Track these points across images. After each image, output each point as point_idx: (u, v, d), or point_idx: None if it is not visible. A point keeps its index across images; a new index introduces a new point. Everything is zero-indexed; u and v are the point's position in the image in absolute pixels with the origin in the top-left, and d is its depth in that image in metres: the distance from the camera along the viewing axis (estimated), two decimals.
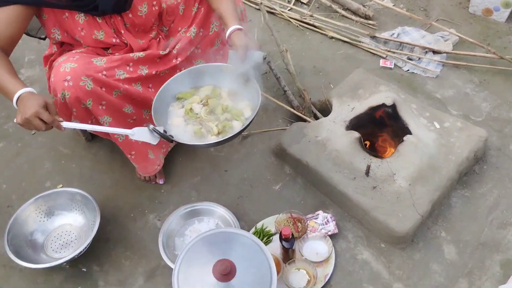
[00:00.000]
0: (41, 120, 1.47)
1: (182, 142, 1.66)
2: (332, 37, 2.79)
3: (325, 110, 2.35)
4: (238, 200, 2.06)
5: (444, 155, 1.99)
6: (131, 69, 1.84)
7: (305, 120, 2.28)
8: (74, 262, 1.87)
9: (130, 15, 1.82)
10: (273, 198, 2.06)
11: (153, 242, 1.93)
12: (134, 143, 1.94)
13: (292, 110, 2.33)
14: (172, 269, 1.79)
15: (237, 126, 1.73)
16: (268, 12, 2.82)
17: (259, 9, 2.97)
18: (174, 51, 1.92)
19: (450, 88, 2.49)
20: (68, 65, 1.70)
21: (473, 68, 2.57)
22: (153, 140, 1.66)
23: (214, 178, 2.15)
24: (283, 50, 2.40)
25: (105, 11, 1.75)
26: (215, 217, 1.98)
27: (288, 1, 3.07)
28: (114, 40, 1.85)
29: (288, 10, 3.00)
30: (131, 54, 1.85)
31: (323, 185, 2.01)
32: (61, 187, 2.11)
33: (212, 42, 2.01)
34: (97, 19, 1.78)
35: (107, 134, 1.97)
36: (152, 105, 1.70)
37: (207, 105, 1.78)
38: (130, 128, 1.63)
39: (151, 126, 1.62)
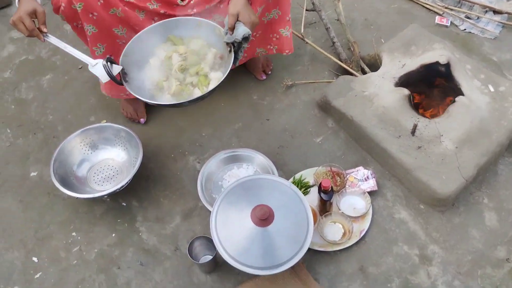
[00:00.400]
0: (25, 26, 1.53)
1: (129, 91, 1.66)
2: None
3: (374, 65, 2.28)
4: (278, 150, 2.05)
5: (496, 120, 1.91)
6: None
7: (352, 74, 2.22)
8: (114, 196, 1.92)
9: None
10: (314, 150, 2.04)
11: (191, 183, 1.96)
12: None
13: (339, 62, 2.27)
14: (208, 211, 1.83)
15: (195, 94, 1.71)
16: None
17: None
18: (192, 1, 1.85)
19: (508, 51, 2.36)
20: None
21: None
22: (104, 78, 1.64)
23: (255, 126, 2.14)
24: (335, 0, 2.31)
25: None
26: (254, 164, 1.98)
27: None
28: None
29: None
30: None
31: (366, 141, 1.97)
32: (105, 122, 2.14)
33: None
34: None
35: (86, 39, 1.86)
36: (136, 35, 1.70)
37: (185, 60, 1.75)
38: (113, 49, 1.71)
39: (106, 62, 1.61)
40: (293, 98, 2.22)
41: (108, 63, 1.62)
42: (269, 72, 2.30)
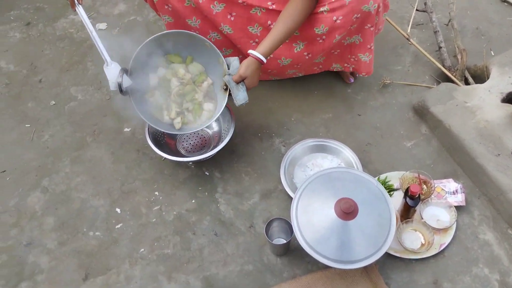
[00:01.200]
0: None
1: (135, 108, 1.74)
2: (504, 1, 2.52)
3: (479, 77, 2.17)
4: (365, 147, 2.01)
5: None
6: None
7: (454, 82, 2.12)
8: (199, 164, 1.97)
9: None
10: (403, 154, 1.99)
11: (274, 164, 1.97)
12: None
13: (443, 69, 2.18)
14: (287, 195, 1.85)
15: (192, 124, 1.85)
16: None
17: None
18: None
19: None
20: None
21: None
22: (113, 85, 1.70)
23: (346, 119, 2.11)
24: (451, 2, 2.21)
25: None
26: (340, 157, 1.96)
27: None
28: None
29: None
30: None
31: (461, 153, 1.89)
32: None
33: None
34: None
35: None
36: (140, 46, 1.72)
37: (182, 86, 1.84)
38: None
39: (122, 72, 1.66)
40: (389, 97, 2.17)
41: (124, 74, 1.69)
42: (357, 75, 2.23)
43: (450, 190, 1.83)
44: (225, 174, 1.95)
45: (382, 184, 1.87)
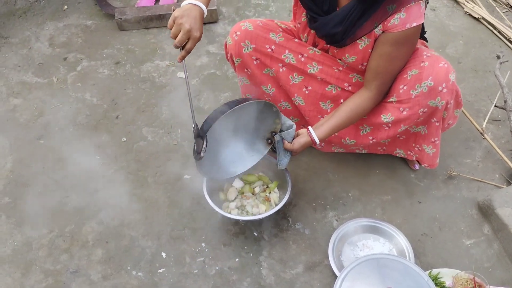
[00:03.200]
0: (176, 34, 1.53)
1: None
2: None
3: None
4: (421, 237, 1.94)
5: None
6: (302, 59, 1.86)
7: None
8: (249, 223, 1.98)
9: (336, 51, 1.81)
10: (459, 251, 1.90)
11: (323, 237, 1.94)
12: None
13: None
14: (332, 271, 1.81)
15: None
16: None
17: None
18: (353, 79, 1.89)
19: None
20: (248, 24, 1.84)
21: None
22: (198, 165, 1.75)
23: (404, 204, 2.05)
24: None
25: (317, 32, 1.77)
26: (392, 243, 1.90)
27: None
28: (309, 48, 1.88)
29: None
30: (308, 47, 1.86)
31: None
32: None
33: None
34: (311, 30, 1.82)
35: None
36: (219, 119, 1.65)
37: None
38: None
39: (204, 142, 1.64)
40: (453, 189, 2.10)
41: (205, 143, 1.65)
42: (423, 165, 2.15)
43: None
44: (273, 239, 1.95)
45: (433, 280, 1.78)
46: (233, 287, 1.80)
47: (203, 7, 1.57)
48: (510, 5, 3.06)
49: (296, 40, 1.88)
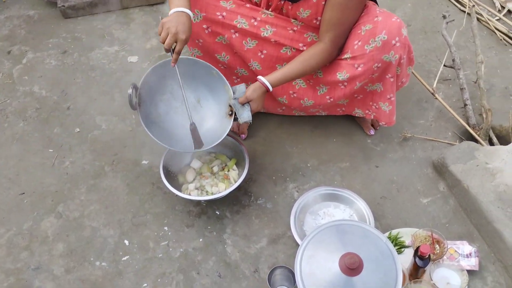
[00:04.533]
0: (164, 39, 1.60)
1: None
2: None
3: (504, 138, 2.13)
4: (380, 200, 1.98)
5: None
6: (255, 23, 1.85)
7: (477, 142, 2.08)
8: (211, 202, 1.98)
9: (290, 7, 1.81)
10: (417, 210, 1.95)
11: (285, 209, 1.96)
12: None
13: (467, 126, 2.14)
14: (295, 242, 1.83)
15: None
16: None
17: (464, 11, 2.75)
18: (308, 39, 1.88)
19: None
20: None
21: None
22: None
23: (362, 170, 2.09)
24: (479, 62, 2.19)
25: None
26: (353, 208, 1.93)
27: (499, 10, 2.78)
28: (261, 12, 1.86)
29: (496, 19, 2.71)
30: (260, 11, 1.84)
31: (478, 216, 1.83)
32: None
33: None
34: None
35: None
36: (148, 71, 1.77)
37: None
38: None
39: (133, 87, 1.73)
40: (409, 151, 2.14)
41: (134, 90, 1.74)
42: (377, 128, 2.22)
43: (463, 253, 1.77)
44: (236, 215, 1.95)
45: (394, 240, 1.83)
46: (198, 267, 1.80)
47: (189, 11, 1.64)
48: None
49: (248, 5, 1.86)
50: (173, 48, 1.64)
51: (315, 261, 1.56)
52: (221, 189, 1.92)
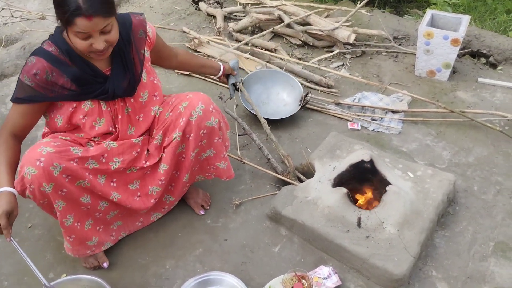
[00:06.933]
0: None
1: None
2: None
3: (308, 172, 2.55)
4: (242, 266, 2.16)
5: (422, 200, 2.21)
6: (103, 160, 1.98)
7: (291, 184, 2.46)
8: None
9: (132, 100, 2.02)
10: (274, 260, 2.18)
11: None
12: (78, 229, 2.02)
13: (277, 175, 2.51)
14: None
15: None
16: None
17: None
18: (146, 154, 2.11)
19: (412, 141, 2.77)
20: (46, 148, 1.80)
21: (429, 122, 2.88)
22: None
23: (215, 249, 2.25)
24: (264, 122, 2.62)
25: (116, 95, 1.95)
26: (224, 285, 2.06)
27: None
28: (110, 129, 2.01)
29: None
30: (104, 144, 1.98)
31: (320, 241, 2.16)
32: (65, 276, 2.14)
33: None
34: (103, 106, 1.95)
35: (52, 211, 1.97)
36: None
37: None
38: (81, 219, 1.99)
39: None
40: (244, 215, 2.39)
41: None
42: (208, 208, 2.44)
43: (324, 276, 2.05)
44: None
45: None
46: None
47: (12, 189, 1.76)
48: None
49: (92, 146, 1.97)
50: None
51: None
52: None
